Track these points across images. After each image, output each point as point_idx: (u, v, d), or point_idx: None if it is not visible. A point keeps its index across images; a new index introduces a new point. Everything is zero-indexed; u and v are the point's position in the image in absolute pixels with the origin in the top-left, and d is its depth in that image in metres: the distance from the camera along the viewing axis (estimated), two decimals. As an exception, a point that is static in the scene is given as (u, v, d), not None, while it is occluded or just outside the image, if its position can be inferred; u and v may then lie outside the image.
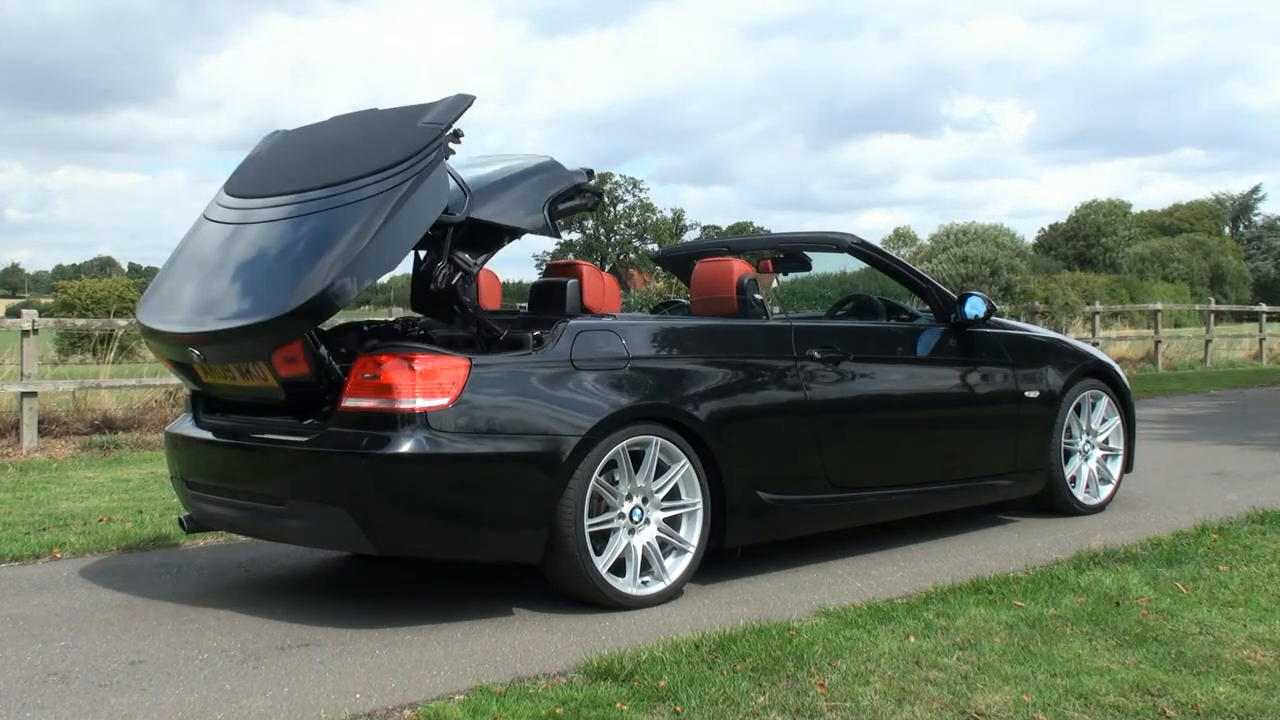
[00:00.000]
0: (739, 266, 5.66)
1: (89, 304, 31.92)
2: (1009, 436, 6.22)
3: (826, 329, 5.69)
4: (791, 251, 6.39)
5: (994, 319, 6.24)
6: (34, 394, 10.43)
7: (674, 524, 4.93)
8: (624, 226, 72.47)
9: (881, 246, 6.29)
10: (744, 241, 6.98)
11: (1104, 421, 6.77)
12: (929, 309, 6.24)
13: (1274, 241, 74.73)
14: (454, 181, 4.80)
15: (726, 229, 72.73)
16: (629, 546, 4.78)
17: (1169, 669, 3.82)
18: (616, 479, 4.77)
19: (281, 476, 4.66)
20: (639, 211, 72.62)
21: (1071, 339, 7.22)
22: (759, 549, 5.47)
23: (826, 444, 5.40)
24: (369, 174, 4.61)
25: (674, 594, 4.87)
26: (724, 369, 5.12)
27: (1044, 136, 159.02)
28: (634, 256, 68.17)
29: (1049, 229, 75.45)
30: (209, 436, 5.05)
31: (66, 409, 11.51)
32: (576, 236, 71.46)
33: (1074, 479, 6.61)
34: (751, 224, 74.09)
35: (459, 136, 4.74)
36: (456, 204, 4.80)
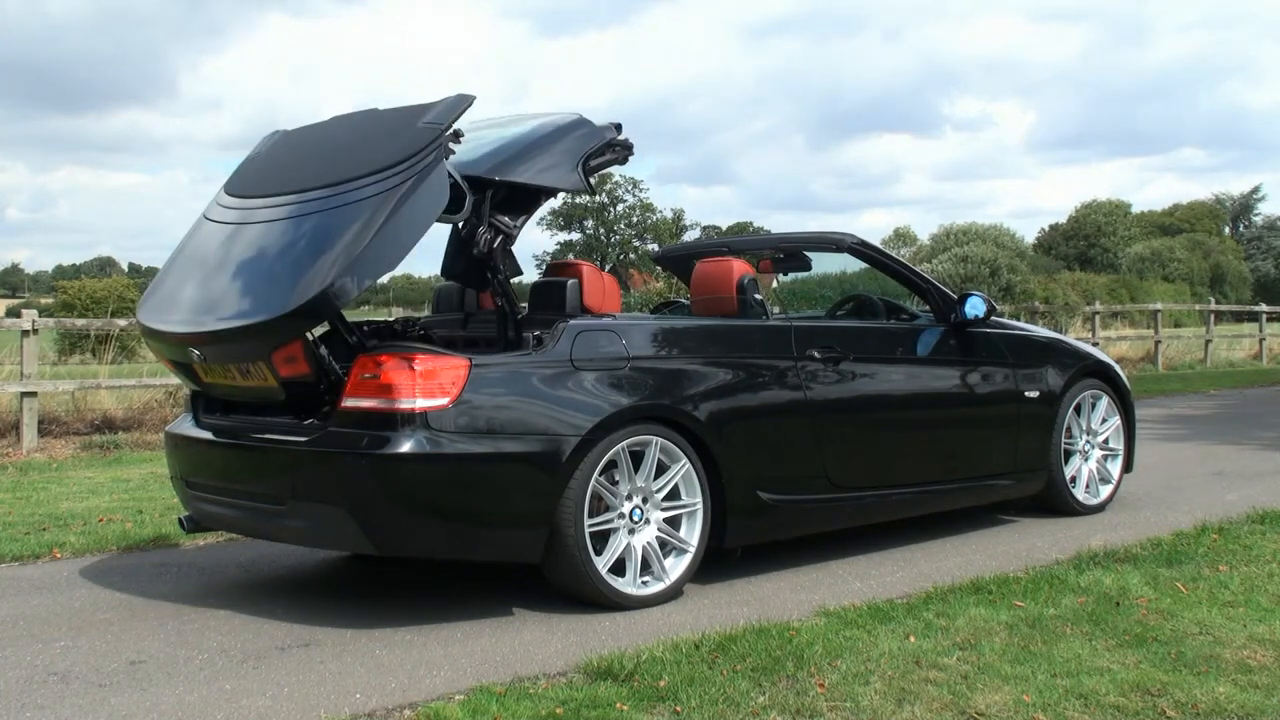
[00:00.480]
0: (739, 266, 5.66)
1: (89, 304, 31.92)
2: (1009, 436, 6.22)
3: (826, 329, 5.69)
4: (791, 251, 6.39)
5: (994, 319, 6.24)
6: (34, 394, 10.43)
7: (674, 524, 4.93)
8: (624, 226, 72.46)
9: (881, 246, 6.29)
10: (744, 241, 6.98)
11: (1104, 421, 6.77)
12: (929, 309, 6.24)
13: (1274, 241, 74.73)
14: (455, 180, 4.79)
15: (726, 229, 72.71)
16: (629, 546, 4.78)
17: (1169, 669, 3.82)
18: (616, 479, 4.77)
19: (281, 476, 4.66)
20: (639, 211, 72.59)
21: (1071, 339, 7.22)
22: (759, 549, 5.47)
23: (826, 444, 5.40)
24: (369, 174, 4.61)
25: (674, 594, 4.87)
26: (724, 369, 5.12)
27: (1044, 136, 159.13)
28: (634, 256, 68.14)
29: (1049, 229, 75.43)
30: (209, 436, 5.05)
31: (66, 409, 11.51)
32: (576, 236, 71.45)
33: (1074, 479, 6.61)
34: (751, 224, 74.08)
35: (459, 137, 4.74)
36: (458, 203, 4.81)
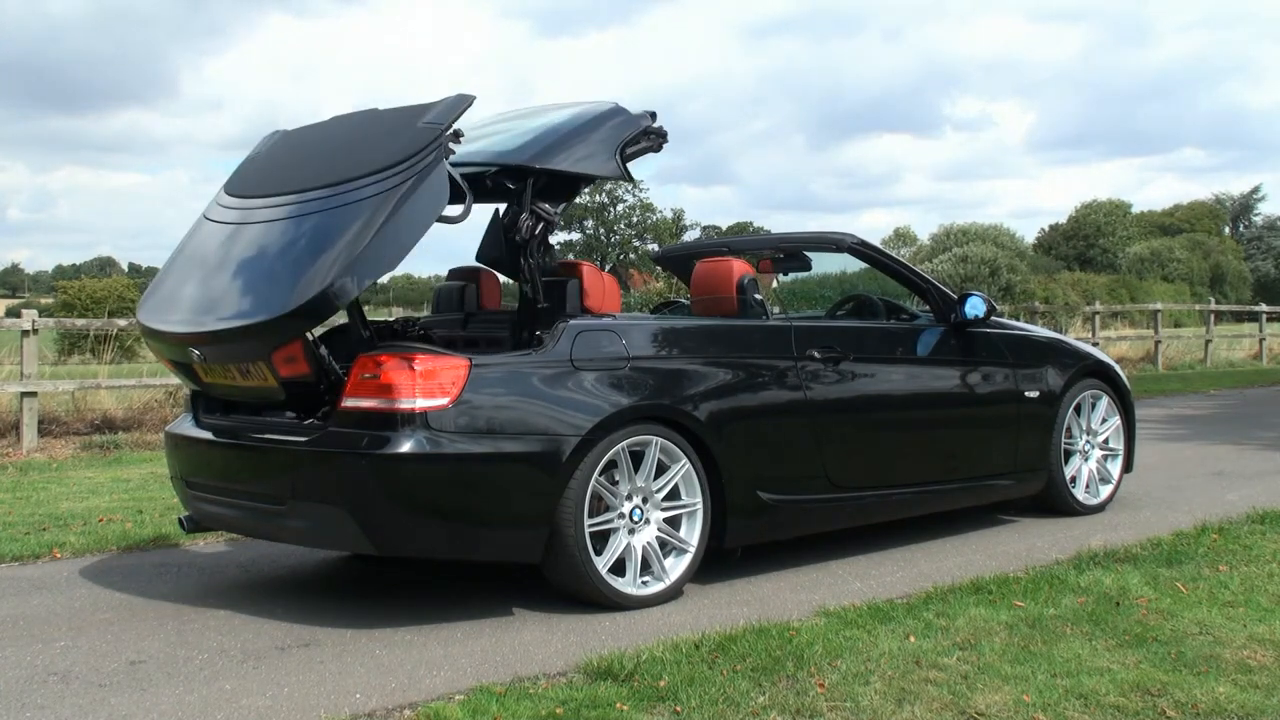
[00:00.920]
0: (739, 266, 5.66)
1: (89, 304, 31.95)
2: (1009, 436, 6.22)
3: (826, 329, 5.69)
4: (791, 251, 6.39)
5: (994, 319, 6.24)
6: (34, 394, 10.42)
7: (674, 524, 4.93)
8: (624, 226, 72.42)
9: (881, 246, 6.29)
10: (744, 241, 6.97)
11: (1104, 421, 6.77)
12: (929, 309, 6.24)
13: (1274, 241, 74.71)
14: (455, 180, 4.79)
15: (726, 229, 72.66)
16: (629, 546, 4.78)
17: (1169, 669, 3.82)
18: (616, 479, 4.77)
19: (281, 476, 4.66)
20: (639, 211, 72.55)
21: (1071, 339, 7.22)
22: (759, 549, 5.47)
23: (826, 444, 5.40)
24: (369, 174, 4.61)
25: (674, 594, 4.87)
26: (724, 369, 5.12)
27: (1044, 136, 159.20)
28: (634, 256, 68.09)
29: (1049, 229, 75.37)
30: (209, 436, 5.05)
31: (66, 409, 11.50)
32: (576, 236, 71.43)
33: (1074, 479, 6.61)
34: (751, 224, 74.01)
35: (459, 137, 4.73)
36: (458, 203, 4.81)
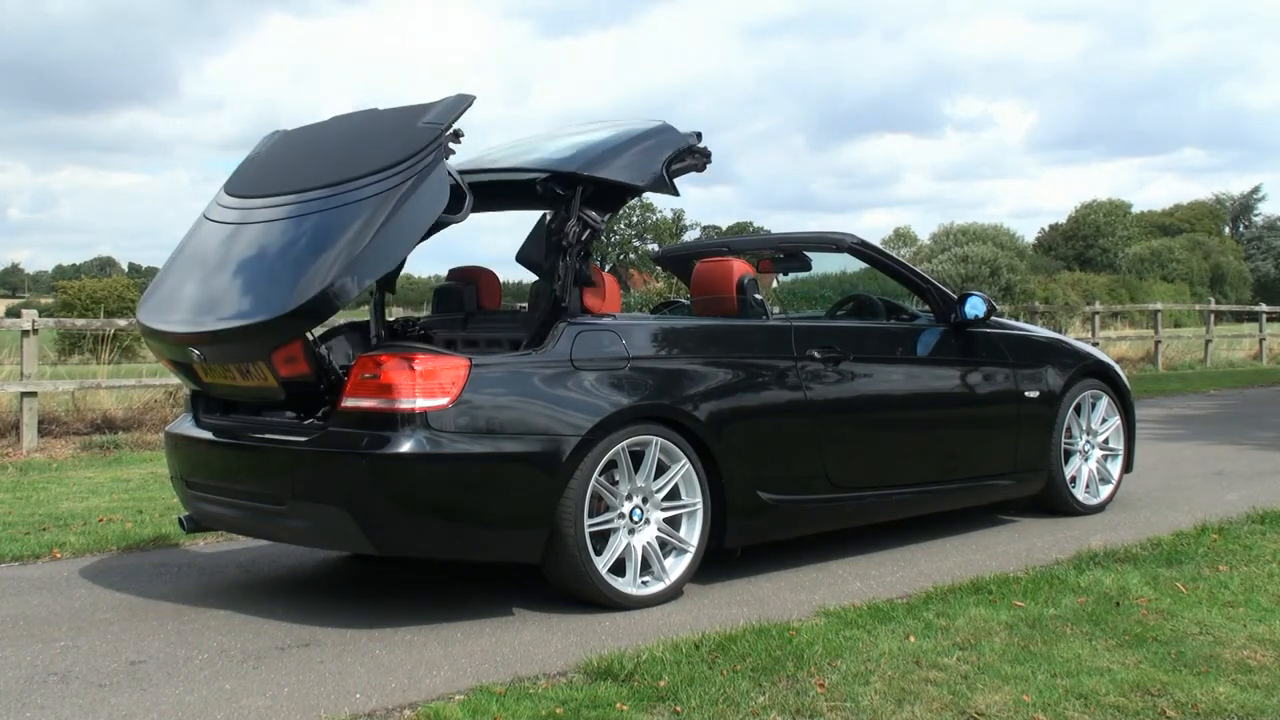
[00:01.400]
0: (739, 266, 5.66)
1: (89, 304, 31.96)
2: (1009, 436, 6.22)
3: (826, 329, 5.69)
4: (791, 251, 6.39)
5: (994, 319, 6.24)
6: (34, 394, 10.42)
7: (674, 524, 4.93)
8: (624, 226, 72.43)
9: (881, 246, 6.29)
10: (744, 241, 6.97)
11: (1104, 421, 6.77)
12: (929, 309, 6.24)
13: (1274, 241, 74.69)
14: (455, 181, 4.80)
15: (726, 229, 72.63)
16: (629, 546, 4.78)
17: (1169, 669, 3.82)
18: (616, 479, 4.77)
19: (281, 476, 4.66)
20: (639, 211, 72.54)
21: (1071, 339, 7.21)
22: (759, 549, 5.47)
23: (826, 444, 5.40)
24: (369, 173, 4.61)
25: (674, 594, 4.86)
26: (724, 369, 5.12)
27: (1045, 136, 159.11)
28: (634, 256, 68.09)
29: (1049, 229, 75.35)
30: (209, 436, 5.05)
31: (66, 409, 11.50)
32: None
33: (1074, 479, 6.61)
34: (751, 224, 73.99)
35: (459, 136, 4.74)
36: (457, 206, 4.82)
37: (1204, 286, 59.42)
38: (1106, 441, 6.78)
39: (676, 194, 5.22)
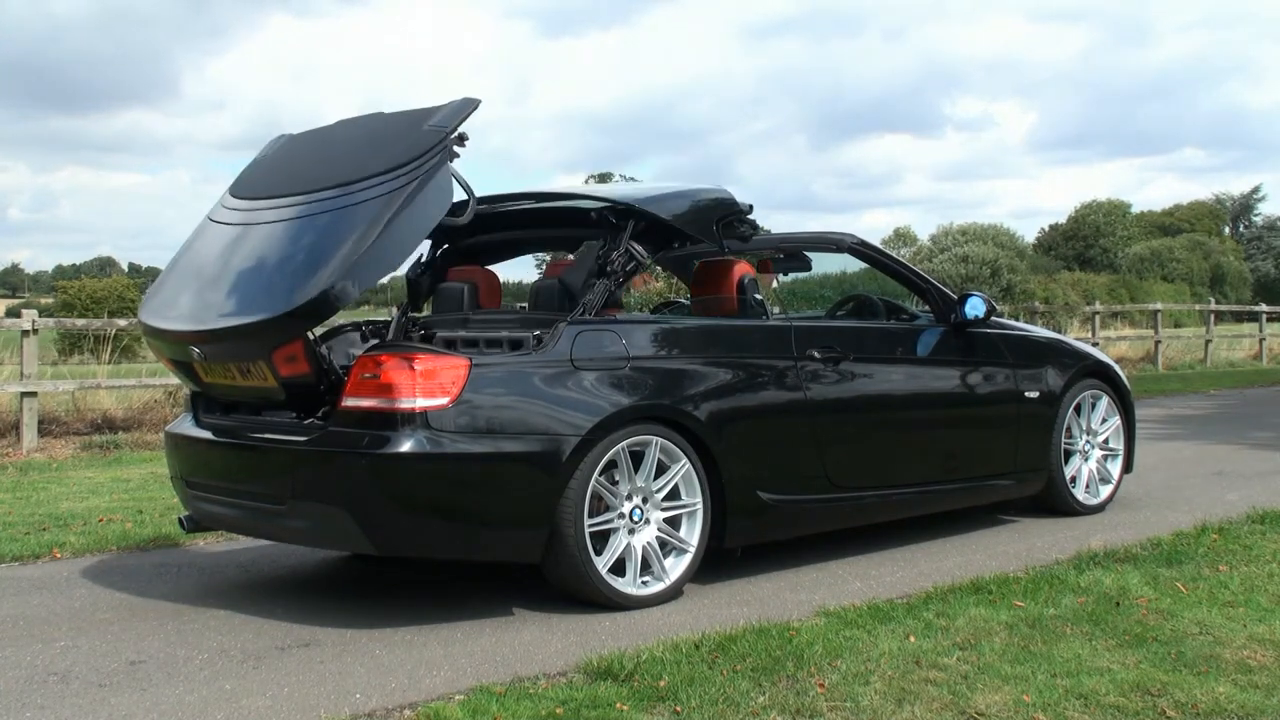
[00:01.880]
0: (739, 266, 5.66)
1: (89, 304, 31.98)
2: (1009, 437, 6.22)
3: (826, 329, 5.69)
4: (791, 251, 6.38)
5: (994, 319, 6.23)
6: (34, 394, 10.42)
7: (674, 524, 4.93)
8: (624, 226, 72.24)
9: (881, 246, 6.28)
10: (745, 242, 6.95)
11: (1104, 422, 6.77)
12: (929, 309, 6.24)
13: (1274, 241, 74.69)
14: (458, 185, 4.83)
15: (726, 229, 72.48)
16: (629, 546, 4.78)
17: (1169, 669, 3.82)
18: (616, 479, 4.77)
19: (281, 476, 4.66)
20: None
21: (1071, 339, 7.21)
22: (759, 549, 5.47)
23: (826, 444, 5.40)
24: (374, 175, 4.64)
25: (674, 594, 4.86)
26: (724, 369, 5.12)
27: (1045, 136, 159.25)
28: (634, 256, 67.98)
29: (1049, 229, 75.35)
30: (209, 436, 5.05)
31: (66, 409, 11.50)
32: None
33: (1074, 479, 6.61)
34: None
35: (463, 140, 4.79)
36: (460, 207, 4.88)
37: (1204, 286, 59.41)
38: (1106, 441, 6.78)
39: (722, 249, 5.53)
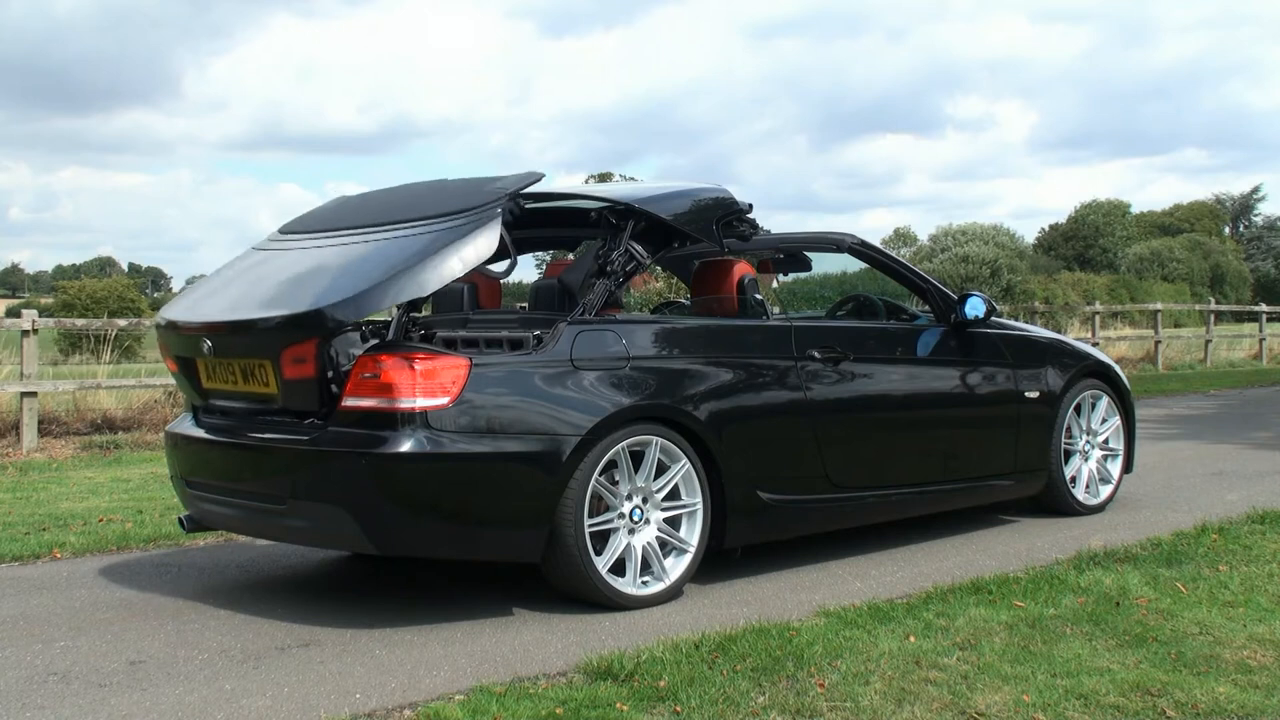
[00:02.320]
0: (739, 266, 5.66)
1: (89, 304, 32.01)
2: (1009, 437, 6.22)
3: (826, 329, 5.69)
4: (791, 251, 6.38)
5: (994, 319, 6.23)
6: (34, 394, 10.42)
7: (674, 524, 4.93)
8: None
9: (881, 246, 6.28)
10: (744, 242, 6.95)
11: (1104, 422, 6.77)
12: (929, 309, 6.24)
13: (1274, 241, 74.74)
14: (506, 243, 4.95)
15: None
16: (629, 546, 4.78)
17: (1169, 669, 3.82)
18: (616, 479, 4.77)
19: (282, 476, 4.66)
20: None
21: (1071, 339, 7.21)
22: (759, 549, 5.47)
23: (826, 444, 5.40)
24: (427, 218, 4.83)
25: (674, 594, 4.87)
26: (724, 369, 5.12)
27: (1046, 137, 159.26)
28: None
29: (1049, 229, 75.40)
30: (209, 436, 5.05)
31: (66, 409, 11.50)
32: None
33: (1074, 479, 6.61)
34: (751, 224, 73.82)
35: (521, 204, 5.01)
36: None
37: (1204, 286, 59.45)
38: (1106, 441, 6.78)
39: (722, 249, 5.52)
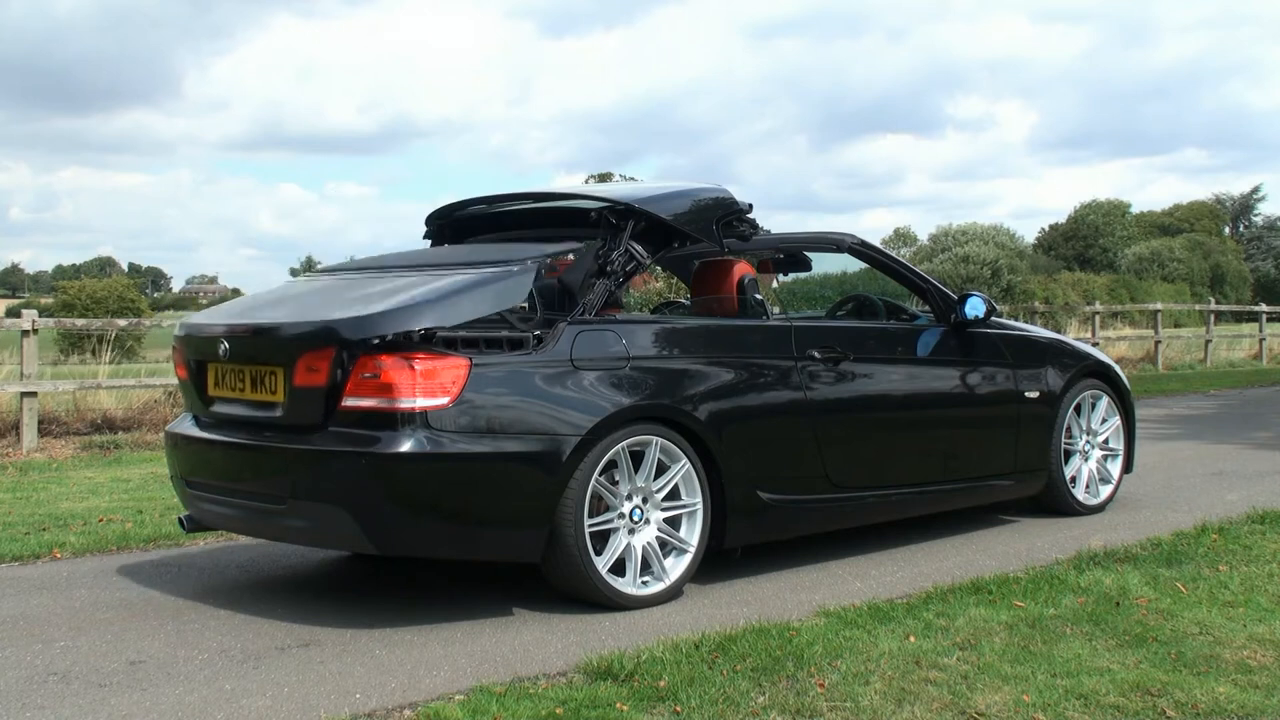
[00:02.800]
0: (739, 266, 5.66)
1: (89, 304, 32.03)
2: (1009, 437, 6.22)
3: (826, 329, 5.69)
4: (791, 251, 6.38)
5: (994, 319, 6.23)
6: (34, 394, 10.42)
7: (674, 524, 4.93)
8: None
9: (881, 246, 6.28)
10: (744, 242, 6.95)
11: (1104, 422, 6.77)
12: (929, 309, 6.24)
13: (1274, 241, 74.74)
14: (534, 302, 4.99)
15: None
16: (629, 546, 4.78)
17: (1169, 669, 3.82)
18: (616, 479, 4.77)
19: (282, 476, 4.66)
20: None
21: (1071, 339, 7.21)
22: (759, 549, 5.47)
23: (826, 444, 5.40)
24: (464, 264, 4.94)
25: (674, 594, 4.87)
26: (724, 369, 5.12)
27: (1047, 137, 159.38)
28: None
29: (1049, 229, 75.42)
30: (209, 436, 5.05)
31: (66, 409, 11.50)
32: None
33: (1074, 479, 6.61)
34: (751, 224, 73.81)
35: (554, 266, 5.11)
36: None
37: (1204, 286, 59.46)
38: (1106, 442, 6.79)
39: (723, 249, 5.53)
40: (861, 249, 5.97)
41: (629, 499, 4.80)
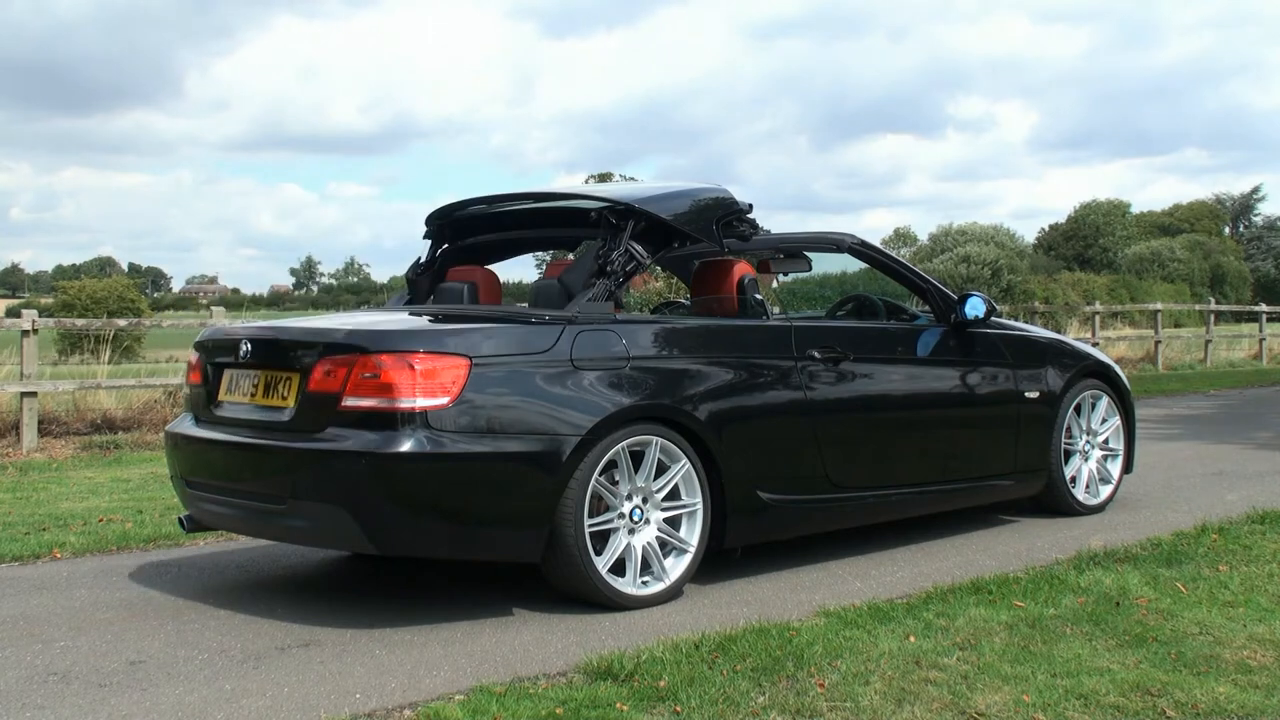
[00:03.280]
0: (739, 266, 5.66)
1: (89, 304, 32.02)
2: (1009, 437, 6.22)
3: (826, 329, 5.69)
4: (791, 251, 6.38)
5: (994, 319, 6.23)
6: (34, 394, 10.42)
7: (674, 524, 4.93)
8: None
9: (881, 246, 6.28)
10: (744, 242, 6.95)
11: (1104, 422, 6.77)
12: (929, 309, 6.24)
13: (1274, 241, 74.74)
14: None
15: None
16: (629, 546, 4.78)
17: (1169, 669, 3.82)
18: (616, 479, 4.77)
19: (282, 476, 4.66)
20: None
21: (1071, 339, 7.21)
22: (759, 549, 5.48)
23: (826, 444, 5.40)
24: (502, 319, 4.94)
25: (674, 594, 4.87)
26: (724, 369, 5.12)
27: (1047, 137, 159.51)
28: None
29: (1049, 229, 75.42)
30: (209, 436, 5.05)
31: (66, 409, 11.50)
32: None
33: (1074, 479, 6.61)
34: (751, 224, 73.79)
35: (575, 319, 5.03)
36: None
37: (1204, 286, 59.45)
38: (1106, 442, 6.79)
39: (723, 249, 5.54)
40: (861, 249, 5.97)
41: (629, 499, 4.80)
